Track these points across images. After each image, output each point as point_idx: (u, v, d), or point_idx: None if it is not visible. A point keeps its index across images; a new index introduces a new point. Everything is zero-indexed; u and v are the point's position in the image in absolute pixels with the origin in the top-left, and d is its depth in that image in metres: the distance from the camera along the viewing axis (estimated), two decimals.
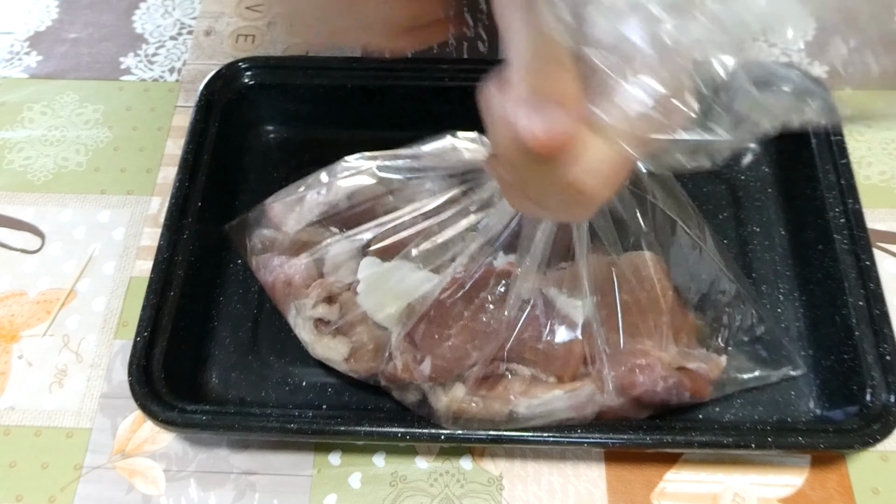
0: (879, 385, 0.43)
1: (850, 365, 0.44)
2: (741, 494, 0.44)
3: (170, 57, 0.64)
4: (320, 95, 0.56)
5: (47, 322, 0.51)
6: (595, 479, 0.45)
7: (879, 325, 0.44)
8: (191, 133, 0.52)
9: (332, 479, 0.45)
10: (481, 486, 0.45)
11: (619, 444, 0.42)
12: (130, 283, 0.52)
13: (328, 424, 0.42)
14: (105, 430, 0.47)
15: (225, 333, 0.50)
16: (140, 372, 0.44)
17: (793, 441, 0.41)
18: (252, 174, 0.56)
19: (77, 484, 0.46)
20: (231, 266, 0.52)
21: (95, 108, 0.61)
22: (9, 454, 0.47)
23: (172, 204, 0.49)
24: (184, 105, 0.61)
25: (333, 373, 0.48)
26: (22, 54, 0.64)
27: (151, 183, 0.57)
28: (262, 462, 0.46)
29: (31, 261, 0.54)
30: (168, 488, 0.45)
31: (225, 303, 0.51)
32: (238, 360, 0.49)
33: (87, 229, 0.55)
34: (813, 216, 0.50)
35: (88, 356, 0.50)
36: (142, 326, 0.45)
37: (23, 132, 0.59)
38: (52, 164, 0.58)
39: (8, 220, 0.55)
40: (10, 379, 0.49)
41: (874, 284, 0.45)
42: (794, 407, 0.46)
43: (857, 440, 0.41)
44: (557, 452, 0.46)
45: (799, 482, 0.45)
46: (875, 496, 0.44)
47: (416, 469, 0.46)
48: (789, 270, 0.51)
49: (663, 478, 0.45)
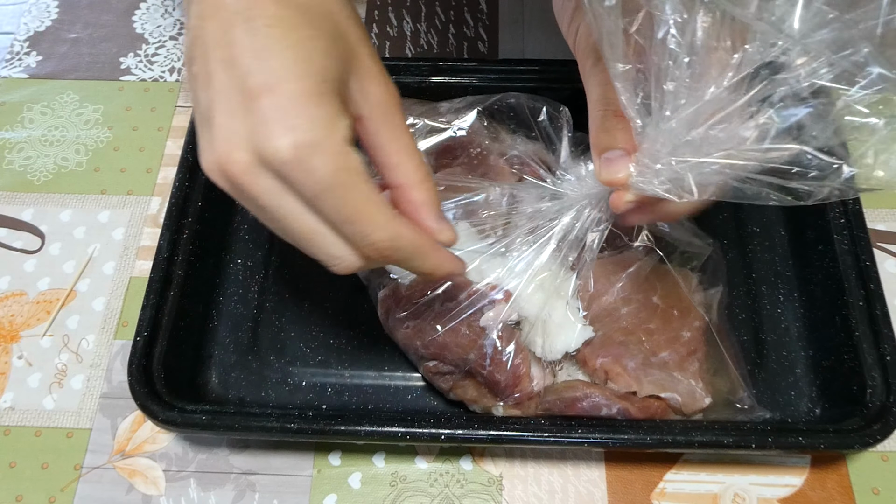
0: (879, 385, 0.43)
1: (850, 365, 0.44)
2: (741, 494, 0.44)
3: (170, 57, 0.64)
4: None
5: (47, 322, 0.51)
6: (595, 479, 0.45)
7: (879, 325, 0.44)
8: (191, 133, 0.52)
9: (332, 479, 0.45)
10: (481, 487, 0.45)
11: (619, 444, 0.41)
12: (130, 283, 0.52)
13: (328, 424, 0.42)
14: (105, 430, 0.47)
15: (225, 333, 0.50)
16: (140, 372, 0.43)
17: (793, 441, 0.41)
18: None
19: (77, 484, 0.46)
20: (231, 266, 0.52)
21: (95, 108, 0.61)
22: (9, 454, 0.47)
23: (172, 204, 0.49)
24: (184, 105, 0.61)
25: (333, 373, 0.48)
26: (22, 54, 0.64)
27: (151, 183, 0.57)
28: (262, 462, 0.46)
29: (31, 261, 0.54)
30: (168, 488, 0.45)
31: (225, 303, 0.51)
32: (238, 360, 0.49)
33: (86, 229, 0.55)
34: (813, 216, 0.50)
35: (88, 356, 0.50)
36: (142, 326, 0.45)
37: (23, 132, 0.59)
38: (52, 165, 0.58)
39: (8, 220, 0.55)
40: (10, 379, 0.49)
41: (874, 284, 0.45)
42: (794, 407, 0.46)
43: (857, 440, 0.41)
44: (557, 452, 0.46)
45: (799, 482, 0.45)
46: (875, 496, 0.44)
47: (416, 469, 0.46)
48: (789, 270, 0.51)
49: (663, 478, 0.45)
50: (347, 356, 0.49)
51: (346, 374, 0.48)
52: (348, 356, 0.49)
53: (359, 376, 0.48)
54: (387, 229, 0.31)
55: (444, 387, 0.45)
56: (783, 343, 0.48)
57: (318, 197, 0.29)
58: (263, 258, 0.53)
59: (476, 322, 0.42)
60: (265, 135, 0.28)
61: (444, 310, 0.43)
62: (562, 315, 0.43)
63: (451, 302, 0.43)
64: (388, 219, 0.31)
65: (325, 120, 0.29)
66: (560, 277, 0.43)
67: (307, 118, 0.29)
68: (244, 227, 0.54)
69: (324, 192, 0.29)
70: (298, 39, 0.29)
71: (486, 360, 0.42)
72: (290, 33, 0.29)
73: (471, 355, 0.42)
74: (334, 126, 0.29)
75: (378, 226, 0.30)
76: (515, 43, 0.63)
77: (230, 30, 0.29)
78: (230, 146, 0.29)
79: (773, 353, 0.48)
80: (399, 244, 0.31)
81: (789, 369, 0.48)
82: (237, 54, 0.29)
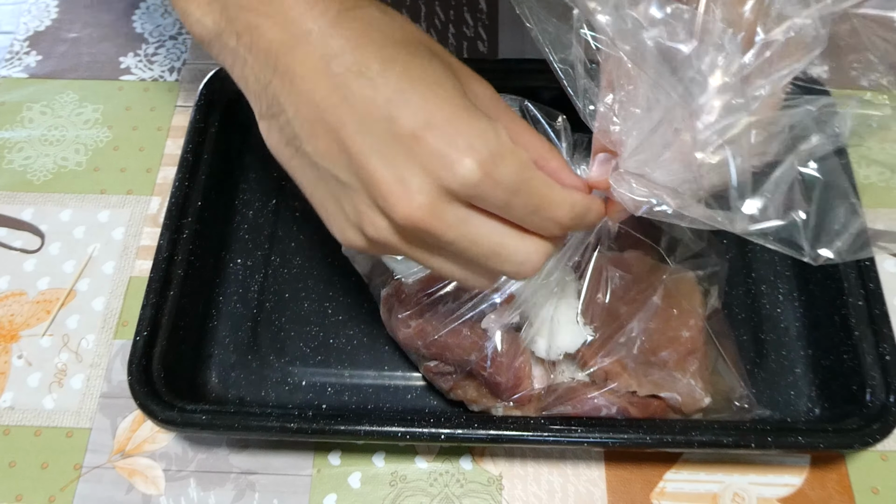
0: (879, 385, 0.43)
1: (850, 365, 0.44)
2: (741, 494, 0.44)
3: (169, 57, 0.64)
4: None
5: (47, 322, 0.51)
6: (595, 479, 0.45)
7: (879, 325, 0.44)
8: (191, 133, 0.52)
9: (332, 479, 0.45)
10: (481, 486, 0.45)
11: (619, 444, 0.41)
12: (130, 283, 0.52)
13: (328, 424, 0.42)
14: (105, 429, 0.47)
15: (225, 333, 0.50)
16: (140, 372, 0.43)
17: (793, 441, 0.41)
18: (252, 174, 0.56)
19: (77, 484, 0.45)
20: (231, 266, 0.52)
21: (95, 107, 0.61)
22: (9, 454, 0.47)
23: (172, 204, 0.49)
24: (184, 105, 0.61)
25: (333, 373, 0.48)
26: (22, 54, 0.64)
27: (151, 183, 0.57)
28: (262, 462, 0.46)
29: (30, 261, 0.54)
30: (168, 488, 0.45)
31: (225, 303, 0.51)
32: (238, 360, 0.49)
33: (86, 229, 0.55)
34: None
35: (88, 356, 0.50)
36: (141, 326, 0.45)
37: (22, 132, 0.59)
38: (52, 164, 0.58)
39: (8, 220, 0.55)
40: (9, 379, 0.49)
41: (874, 284, 0.45)
42: (794, 407, 0.46)
43: (857, 440, 0.41)
44: (557, 452, 0.46)
45: (799, 482, 0.45)
46: (875, 496, 0.44)
47: (415, 469, 0.46)
48: (789, 270, 0.51)
49: (663, 478, 0.45)
50: (347, 356, 0.49)
51: (346, 374, 0.48)
52: (348, 356, 0.49)
53: (359, 376, 0.48)
54: (567, 201, 0.32)
55: (445, 387, 0.45)
56: (783, 343, 0.48)
57: (509, 202, 0.30)
58: (263, 258, 0.53)
59: (478, 324, 0.42)
60: (446, 166, 0.28)
61: (446, 311, 0.43)
62: (563, 315, 0.43)
63: (453, 303, 0.43)
64: (565, 192, 0.32)
65: (489, 129, 0.29)
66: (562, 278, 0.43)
67: (477, 135, 0.29)
68: (244, 227, 0.54)
69: (514, 195, 0.30)
70: (420, 70, 0.30)
71: (487, 361, 0.42)
72: (409, 69, 0.29)
73: (472, 356, 0.42)
74: (498, 131, 0.30)
75: (560, 202, 0.31)
76: (515, 43, 0.63)
77: (347, 90, 0.29)
78: (408, 195, 0.29)
79: (772, 353, 0.48)
80: (577, 210, 0.32)
81: (789, 369, 0.48)
82: (370, 109, 0.29)
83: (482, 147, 0.29)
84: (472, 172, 0.28)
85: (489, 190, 0.29)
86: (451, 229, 0.30)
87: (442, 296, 0.43)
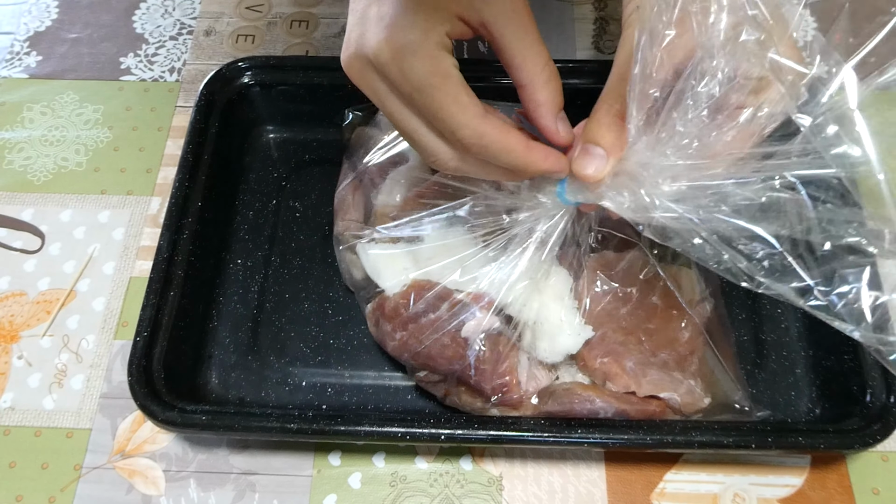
0: (879, 385, 0.43)
1: (850, 365, 0.44)
2: (741, 494, 0.44)
3: (170, 57, 0.64)
4: (320, 95, 0.56)
5: (47, 322, 0.51)
6: (595, 480, 0.45)
7: None
8: (191, 133, 0.52)
9: (332, 480, 0.45)
10: (481, 487, 0.45)
11: (619, 444, 0.41)
12: (130, 283, 0.52)
13: (328, 424, 0.42)
14: (105, 430, 0.47)
15: (225, 333, 0.50)
16: (140, 372, 0.43)
17: (793, 441, 0.41)
18: (252, 174, 0.56)
19: (77, 484, 0.45)
20: (231, 266, 0.52)
21: (95, 108, 0.61)
22: (9, 454, 0.47)
23: (172, 204, 0.49)
24: (184, 105, 0.61)
25: (333, 373, 0.48)
26: (22, 54, 0.64)
27: (151, 183, 0.57)
28: (262, 462, 0.46)
29: (31, 261, 0.54)
30: (168, 488, 0.45)
31: (225, 303, 0.51)
32: (238, 360, 0.49)
33: (86, 229, 0.55)
34: None
35: (88, 356, 0.50)
36: (142, 326, 0.45)
37: (23, 132, 0.59)
38: (52, 165, 0.58)
39: (8, 220, 0.55)
40: (9, 379, 0.49)
41: None
42: (794, 407, 0.46)
43: (857, 440, 0.41)
44: (557, 452, 0.46)
45: (799, 482, 0.45)
46: (875, 496, 0.44)
47: (416, 469, 0.46)
48: None
49: (663, 478, 0.45)
50: (347, 356, 0.49)
51: (346, 374, 0.48)
52: (348, 356, 0.49)
53: (359, 376, 0.48)
54: (470, 127, 0.33)
55: (438, 394, 0.45)
56: (783, 343, 0.48)
57: (411, 95, 0.33)
58: (263, 258, 0.53)
59: (458, 333, 0.42)
60: (369, 38, 0.33)
61: (427, 322, 0.43)
62: (561, 317, 0.43)
63: (433, 314, 0.43)
64: (473, 117, 0.33)
65: (421, 25, 0.32)
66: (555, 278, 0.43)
67: (405, 24, 0.32)
68: (244, 227, 0.54)
69: (416, 92, 0.33)
70: None
71: (471, 370, 0.42)
72: None
73: (455, 366, 0.42)
74: (430, 31, 0.32)
75: (462, 124, 0.33)
76: None
77: None
78: (348, 52, 0.34)
79: (772, 353, 0.48)
80: (484, 142, 0.33)
81: (789, 369, 0.48)
82: None
83: (402, 38, 0.32)
84: (383, 53, 0.32)
85: (396, 76, 0.33)
86: (375, 95, 0.35)
87: (422, 308, 0.43)
